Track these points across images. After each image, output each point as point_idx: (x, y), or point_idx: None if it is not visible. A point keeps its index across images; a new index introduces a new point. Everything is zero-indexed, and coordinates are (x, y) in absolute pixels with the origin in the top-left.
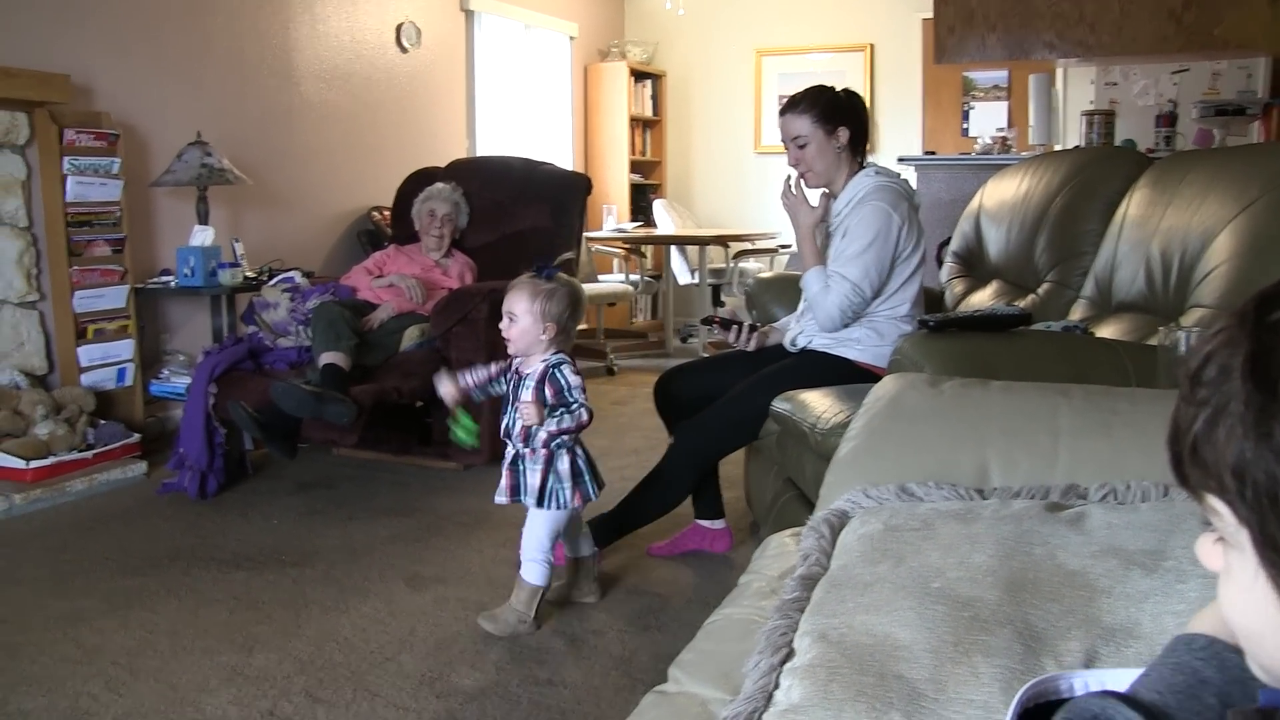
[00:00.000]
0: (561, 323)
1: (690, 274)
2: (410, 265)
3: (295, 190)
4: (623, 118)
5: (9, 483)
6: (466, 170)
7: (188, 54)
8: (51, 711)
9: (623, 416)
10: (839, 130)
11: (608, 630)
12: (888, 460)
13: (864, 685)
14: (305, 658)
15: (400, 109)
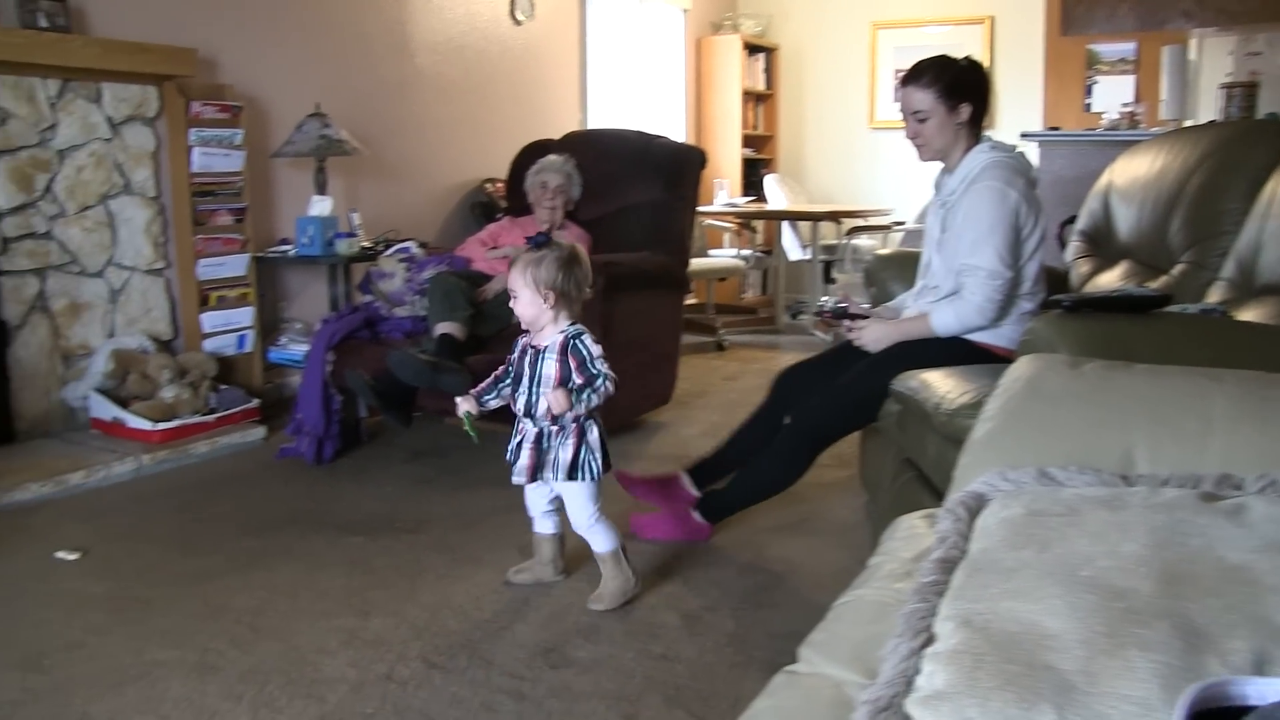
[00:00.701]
0: (558, 287)
1: (802, 250)
2: (524, 237)
3: (410, 162)
4: (735, 92)
5: (138, 443)
6: (581, 142)
7: (307, 27)
8: (182, 664)
9: (733, 392)
10: (961, 106)
11: (720, 607)
12: (1026, 443)
13: (1012, 674)
14: (420, 624)
15: (513, 82)
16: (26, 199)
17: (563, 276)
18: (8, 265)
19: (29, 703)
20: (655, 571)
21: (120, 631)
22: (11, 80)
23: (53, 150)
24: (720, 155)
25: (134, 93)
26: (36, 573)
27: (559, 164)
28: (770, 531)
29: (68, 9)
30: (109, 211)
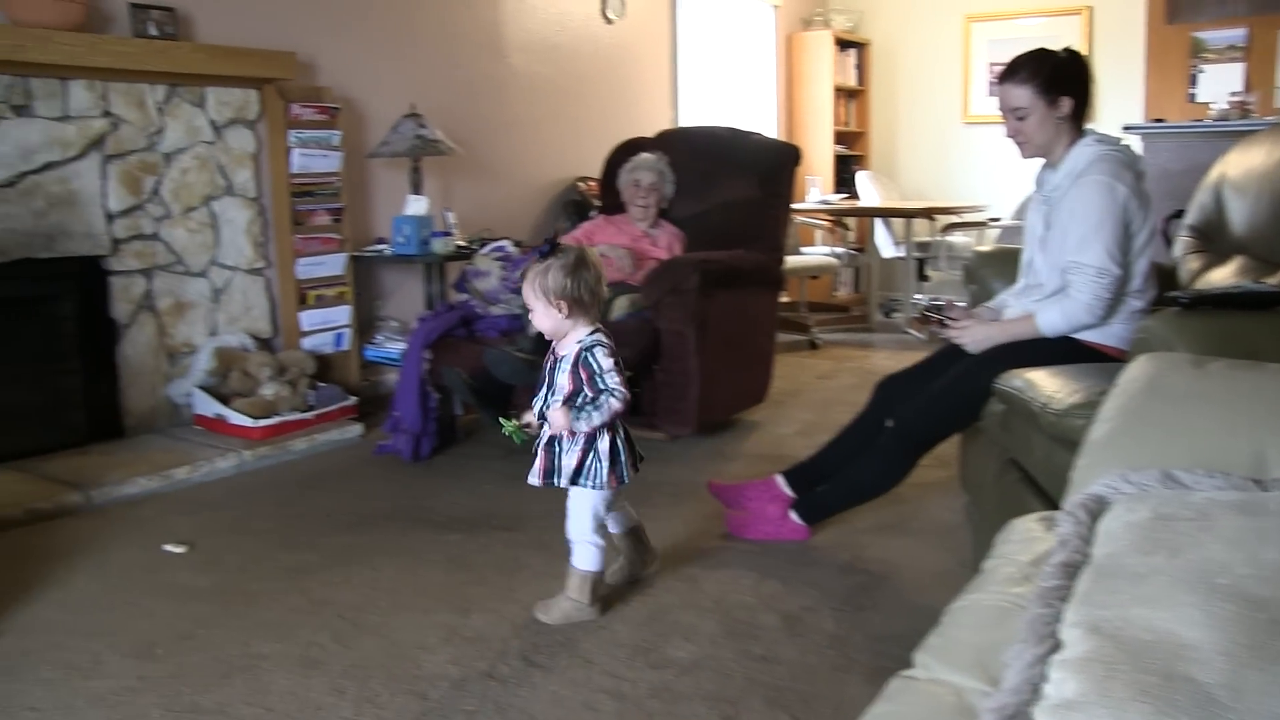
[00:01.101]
0: (569, 294)
1: (895, 247)
2: (619, 235)
3: (503, 161)
4: (827, 88)
5: (239, 439)
6: (675, 140)
7: (402, 28)
8: (286, 657)
9: (828, 391)
10: (1061, 100)
11: (820, 608)
12: (1147, 445)
13: (1147, 685)
14: (520, 621)
15: (605, 80)
16: (135, 201)
17: (571, 283)
18: (117, 265)
19: (143, 690)
20: (754, 572)
21: (227, 624)
22: (123, 87)
23: (160, 154)
24: (812, 152)
25: (236, 96)
26: (146, 564)
27: (652, 162)
28: (869, 532)
29: (176, 17)
30: (212, 212)
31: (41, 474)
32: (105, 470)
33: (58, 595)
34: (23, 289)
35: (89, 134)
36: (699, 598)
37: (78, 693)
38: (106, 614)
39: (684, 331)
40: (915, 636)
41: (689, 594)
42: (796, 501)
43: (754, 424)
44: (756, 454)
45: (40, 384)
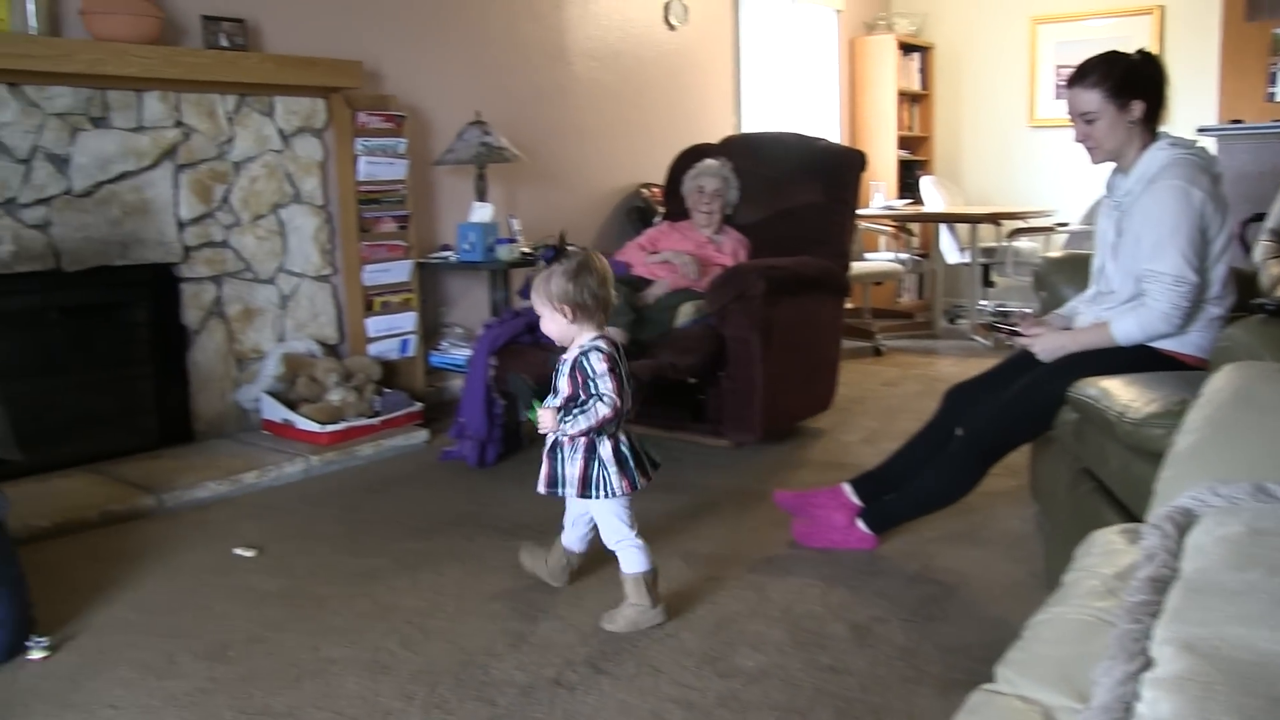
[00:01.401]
0: (573, 298)
1: (960, 253)
2: (684, 242)
3: (567, 167)
4: (890, 92)
5: (306, 444)
6: (740, 146)
7: (467, 36)
8: (355, 662)
9: (893, 398)
10: (1132, 103)
11: (890, 618)
12: (1237, 456)
13: (1250, 709)
14: (586, 629)
15: (667, 86)
16: (205, 209)
17: (574, 287)
18: (188, 272)
19: (216, 692)
20: (821, 581)
21: (296, 628)
22: (195, 97)
23: (229, 162)
24: (876, 157)
25: (304, 105)
26: (217, 567)
27: (716, 168)
28: (937, 541)
29: (246, 28)
30: (280, 220)
31: (115, 477)
32: (176, 474)
33: (132, 596)
34: (99, 296)
35: (162, 144)
36: (766, 606)
37: (154, 693)
38: (179, 616)
39: (749, 338)
40: (987, 649)
41: (756, 603)
42: (864, 510)
43: (819, 431)
44: (822, 461)
45: (114, 389)
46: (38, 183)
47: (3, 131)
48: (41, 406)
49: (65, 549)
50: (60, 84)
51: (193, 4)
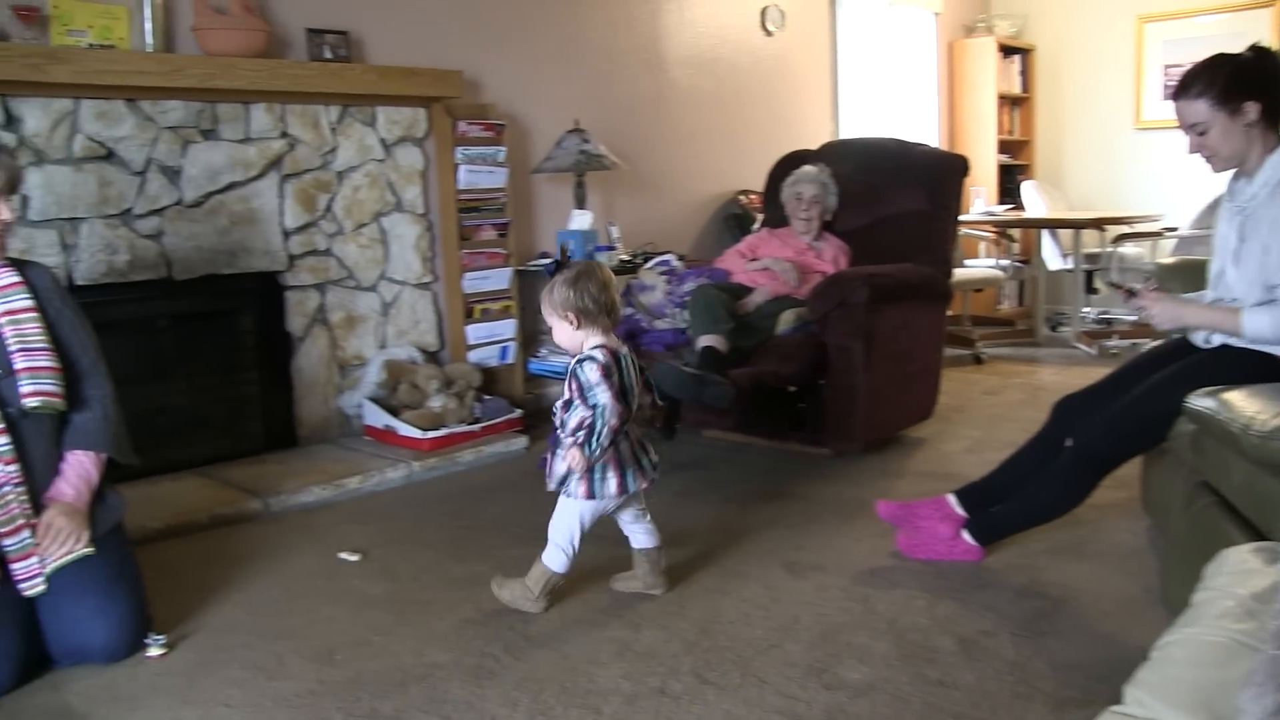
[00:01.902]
0: (575, 306)
1: (1062, 259)
2: (783, 249)
3: (665, 175)
4: (990, 95)
5: (408, 450)
6: (839, 152)
7: (565, 45)
8: (459, 667)
9: (995, 407)
10: (1245, 106)
11: (998, 632)
12: None
13: None
14: (691, 638)
15: (765, 93)
16: (310, 218)
17: (574, 294)
18: (292, 281)
19: (324, 694)
20: (927, 593)
21: (401, 632)
22: (300, 109)
23: (333, 172)
24: (975, 162)
25: (405, 115)
26: (323, 571)
27: (814, 174)
28: (1045, 554)
29: (349, 40)
30: (381, 228)
31: (224, 480)
32: (281, 479)
33: (242, 597)
34: (207, 304)
35: (268, 154)
36: (872, 619)
37: (265, 693)
38: (288, 618)
39: (851, 346)
40: (1102, 666)
41: (861, 614)
42: (969, 521)
43: (920, 441)
44: (924, 471)
45: (221, 394)
46: (151, 194)
47: (119, 145)
48: (152, 411)
49: (177, 550)
50: (173, 98)
51: (298, 17)
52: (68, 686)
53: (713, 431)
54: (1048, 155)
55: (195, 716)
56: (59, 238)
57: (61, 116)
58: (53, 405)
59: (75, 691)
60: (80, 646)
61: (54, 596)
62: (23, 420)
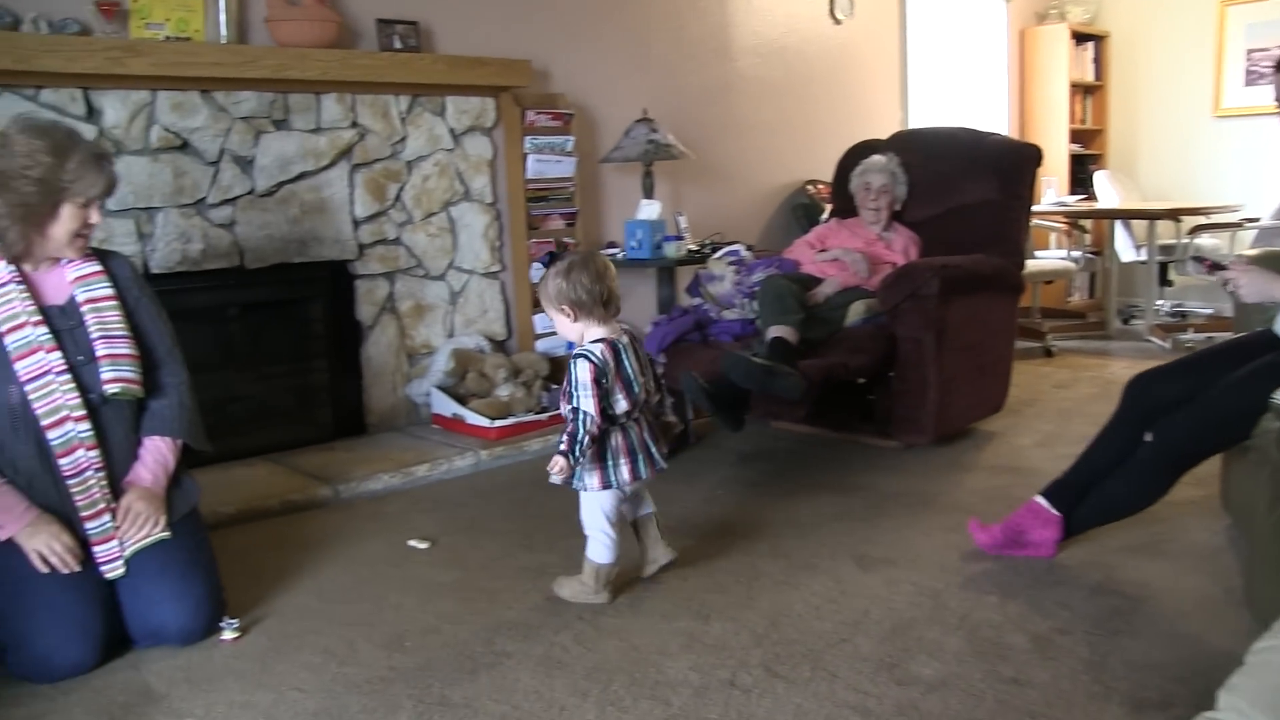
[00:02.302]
0: (569, 297)
1: (1135, 250)
2: (852, 239)
3: (732, 164)
4: (1062, 84)
5: (476, 439)
6: (909, 142)
7: (633, 35)
8: (528, 656)
9: (1066, 401)
10: None
11: (1072, 630)
12: None
13: None
14: (760, 631)
15: (833, 81)
16: (379, 208)
17: (567, 285)
18: (362, 269)
19: (395, 680)
20: (998, 589)
21: (471, 620)
22: (370, 99)
23: (402, 161)
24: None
25: (474, 104)
26: (392, 559)
27: (882, 164)
28: (1120, 552)
29: (418, 30)
30: (450, 218)
31: (294, 467)
32: (350, 466)
33: (313, 583)
34: (279, 292)
35: (339, 144)
36: (943, 614)
37: (336, 678)
38: (357, 605)
39: (922, 338)
40: (1183, 668)
41: (932, 609)
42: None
43: (991, 434)
44: (995, 465)
45: (292, 382)
46: (224, 184)
47: (194, 136)
48: (224, 399)
49: (248, 535)
50: (246, 89)
51: (368, 8)
52: (147, 666)
53: (781, 423)
54: (1121, 144)
55: (269, 700)
56: (135, 227)
57: (139, 108)
58: (132, 392)
59: (154, 671)
60: (157, 628)
61: (133, 579)
62: (103, 406)
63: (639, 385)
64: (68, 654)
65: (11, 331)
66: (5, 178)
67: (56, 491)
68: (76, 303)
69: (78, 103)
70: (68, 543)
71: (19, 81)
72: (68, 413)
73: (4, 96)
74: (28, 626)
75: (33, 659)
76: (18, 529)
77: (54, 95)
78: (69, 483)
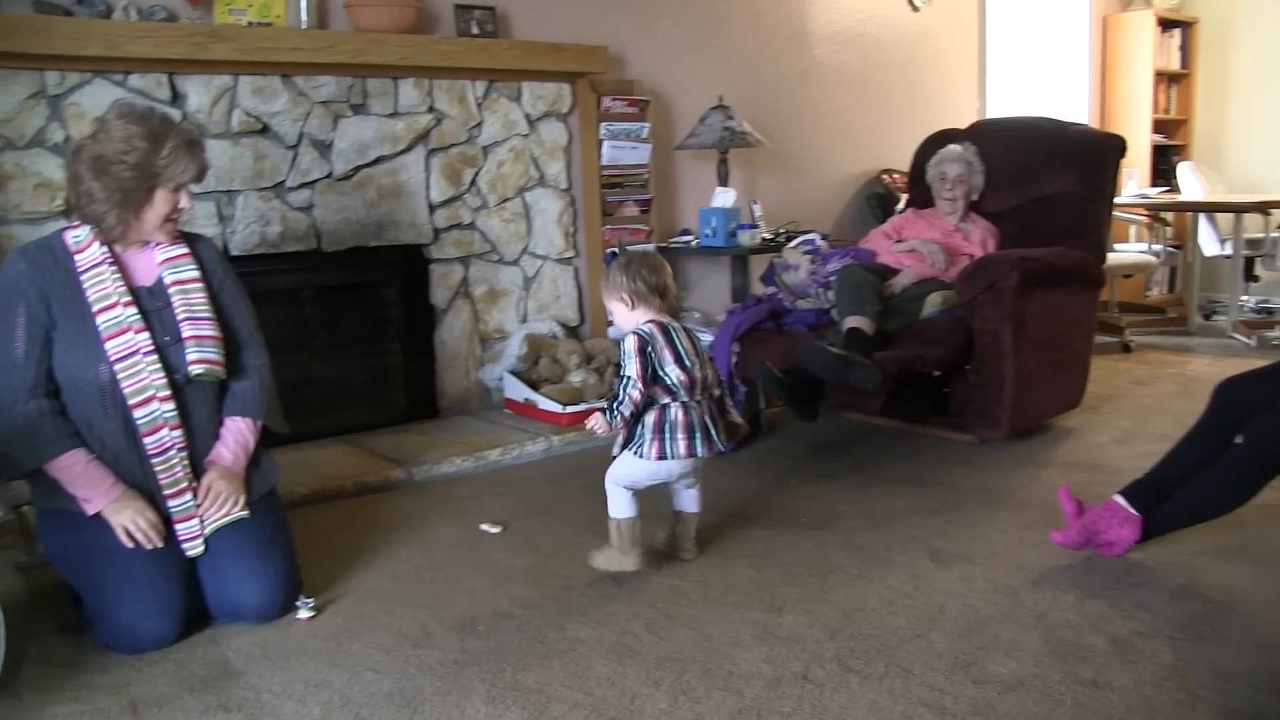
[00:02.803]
0: (629, 288)
1: (1220, 244)
2: (929, 230)
3: (808, 152)
4: (1145, 72)
5: (548, 424)
6: (989, 132)
7: (710, 21)
8: (601, 643)
9: (1146, 398)
10: None
11: (1155, 634)
12: None
13: None
14: (834, 624)
15: (910, 69)
16: (455, 192)
17: (627, 278)
18: (437, 254)
19: (468, 664)
20: (1077, 589)
21: (543, 606)
22: (447, 84)
23: (478, 146)
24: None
25: (550, 90)
26: (465, 542)
27: (959, 153)
28: (1203, 554)
29: (495, 15)
30: (525, 203)
31: (368, 449)
32: (424, 449)
33: (387, 565)
34: (355, 275)
35: (416, 129)
36: (1020, 612)
37: (410, 660)
38: (431, 587)
39: (1000, 331)
40: (1271, 678)
41: (1009, 607)
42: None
43: (1068, 430)
44: (1072, 462)
45: (367, 365)
46: (303, 167)
47: (274, 120)
48: (300, 380)
49: (323, 516)
50: (325, 74)
51: None
52: (226, 642)
53: (854, 414)
54: (1207, 135)
55: (344, 679)
56: (216, 209)
57: (222, 92)
58: (215, 373)
59: (233, 647)
60: (235, 605)
61: (212, 557)
62: (187, 387)
63: (691, 361)
64: (150, 628)
65: (103, 311)
66: (104, 162)
67: (141, 469)
68: (164, 284)
69: (163, 87)
70: (152, 519)
71: (109, 67)
72: (154, 392)
73: (95, 82)
74: (113, 599)
75: (118, 630)
76: (105, 504)
77: (141, 80)
78: (152, 461)
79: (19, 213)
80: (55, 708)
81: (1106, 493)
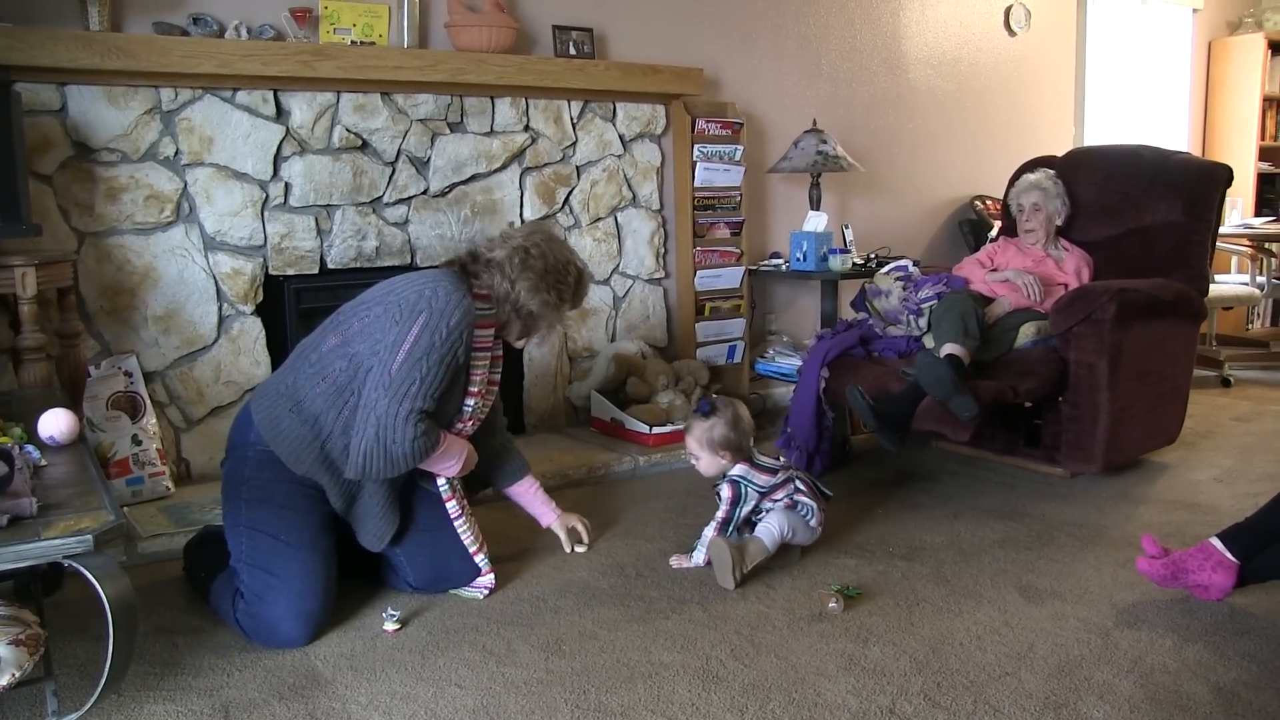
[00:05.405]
0: (732, 444)
1: None
2: (1021, 257)
3: (900, 177)
4: (1253, 98)
5: (634, 445)
6: (1088, 160)
7: (805, 44)
8: (685, 668)
9: (1248, 435)
10: None
11: (1264, 686)
12: None
13: None
14: (921, 658)
15: (1005, 95)
16: (548, 210)
17: (735, 435)
18: None
19: (553, 684)
20: (1175, 633)
21: (628, 628)
22: (543, 103)
23: (572, 166)
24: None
25: (644, 111)
26: (551, 561)
27: (1034, 181)
28: None
29: (592, 36)
30: (617, 223)
31: None
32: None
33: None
34: None
35: (511, 147)
36: (1113, 654)
37: (494, 678)
38: (516, 605)
39: (1096, 363)
40: None
41: (1102, 648)
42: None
43: (1164, 466)
44: (1168, 499)
45: None
46: (400, 183)
47: (374, 136)
48: None
49: None
50: (424, 91)
51: (545, 14)
52: (314, 651)
53: (943, 443)
54: None
55: (429, 694)
56: (315, 223)
57: (324, 109)
58: None
59: (321, 657)
60: (455, 575)
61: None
62: None
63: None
64: (289, 631)
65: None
66: (550, 278)
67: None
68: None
69: (269, 104)
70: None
71: (219, 84)
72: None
73: (205, 98)
74: (267, 593)
75: (260, 619)
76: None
77: (248, 96)
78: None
79: (130, 223)
80: (153, 707)
81: (1206, 533)
